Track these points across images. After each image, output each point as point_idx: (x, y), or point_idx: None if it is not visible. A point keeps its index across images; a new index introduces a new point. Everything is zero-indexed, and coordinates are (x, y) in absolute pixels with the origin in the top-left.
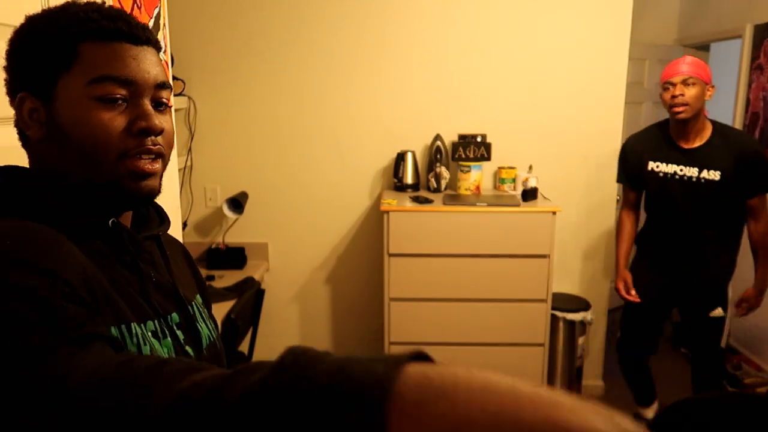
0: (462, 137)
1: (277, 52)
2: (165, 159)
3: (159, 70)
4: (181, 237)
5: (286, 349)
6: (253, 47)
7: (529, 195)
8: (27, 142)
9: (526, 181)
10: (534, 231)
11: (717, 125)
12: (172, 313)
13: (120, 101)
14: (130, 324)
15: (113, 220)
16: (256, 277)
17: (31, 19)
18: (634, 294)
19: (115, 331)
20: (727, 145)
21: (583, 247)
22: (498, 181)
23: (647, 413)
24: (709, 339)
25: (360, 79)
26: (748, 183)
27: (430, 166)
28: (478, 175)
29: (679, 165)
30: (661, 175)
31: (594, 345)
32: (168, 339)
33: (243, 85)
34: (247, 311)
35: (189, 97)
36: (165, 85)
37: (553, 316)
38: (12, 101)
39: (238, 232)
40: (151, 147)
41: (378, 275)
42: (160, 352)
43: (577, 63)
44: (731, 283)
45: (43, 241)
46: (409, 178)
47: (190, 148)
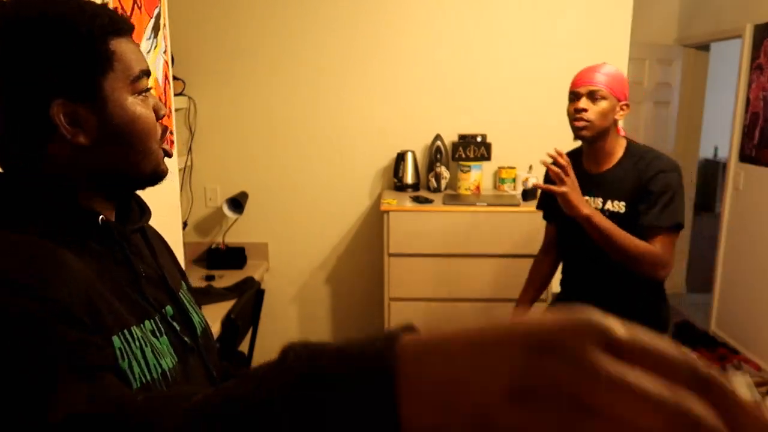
0: (462, 137)
1: (277, 52)
2: None
3: None
4: (181, 237)
5: (284, 348)
6: (253, 47)
7: (529, 195)
8: (46, 149)
9: (525, 181)
10: (534, 231)
11: (633, 146)
12: (166, 306)
13: (146, 92)
14: (131, 328)
15: (102, 217)
16: (256, 277)
17: (43, 23)
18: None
19: (117, 340)
20: (636, 169)
21: None
22: (498, 181)
23: None
24: None
25: (360, 79)
26: (644, 213)
27: (430, 166)
28: (478, 175)
29: (585, 194)
30: None
31: None
32: (164, 336)
33: (243, 85)
34: (247, 311)
35: (189, 97)
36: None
37: None
38: (26, 109)
39: (238, 232)
40: (165, 129)
41: (378, 275)
42: (159, 349)
43: (577, 63)
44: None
45: (42, 264)
46: (409, 178)
47: (190, 148)
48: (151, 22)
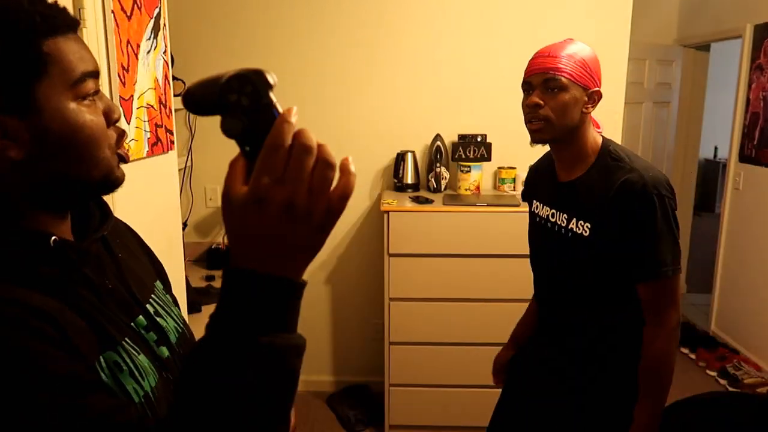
0: (462, 137)
1: (276, 52)
2: None
3: None
4: (181, 237)
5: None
6: (253, 47)
7: None
8: None
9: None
10: None
11: (605, 150)
12: (137, 318)
13: (93, 96)
14: (114, 350)
15: (54, 238)
16: None
17: None
18: (500, 379)
19: (105, 377)
20: (607, 182)
21: None
22: (498, 181)
23: None
24: None
25: (360, 79)
26: (629, 254)
27: (430, 166)
28: (478, 175)
29: (552, 207)
30: (537, 220)
31: None
32: (141, 355)
33: None
34: None
35: None
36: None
37: None
38: None
39: None
40: (123, 132)
41: (378, 275)
42: (143, 368)
43: None
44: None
45: (18, 334)
46: (409, 178)
47: (190, 148)
48: (151, 23)
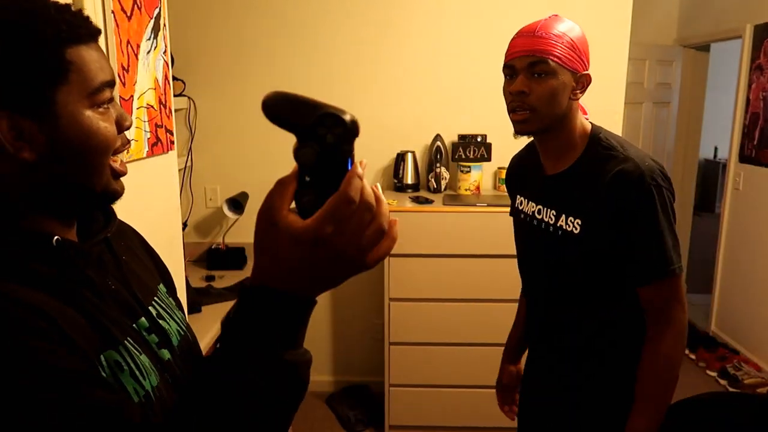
0: (462, 137)
1: (276, 52)
2: None
3: None
4: (181, 237)
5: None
6: (253, 47)
7: None
8: None
9: None
10: None
11: (596, 138)
12: (139, 320)
13: (108, 104)
14: (115, 349)
15: (57, 238)
16: None
17: None
18: (507, 410)
19: (105, 375)
20: (599, 173)
21: None
22: (498, 181)
23: None
24: None
25: (360, 79)
26: (629, 253)
27: (430, 167)
28: (478, 176)
29: (538, 203)
30: (522, 217)
31: None
32: (143, 355)
33: (243, 85)
34: None
35: (189, 97)
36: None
37: None
38: None
39: (239, 233)
40: (128, 143)
41: (378, 275)
42: (145, 368)
43: None
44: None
45: (25, 343)
46: (409, 179)
47: (190, 148)
48: (151, 23)
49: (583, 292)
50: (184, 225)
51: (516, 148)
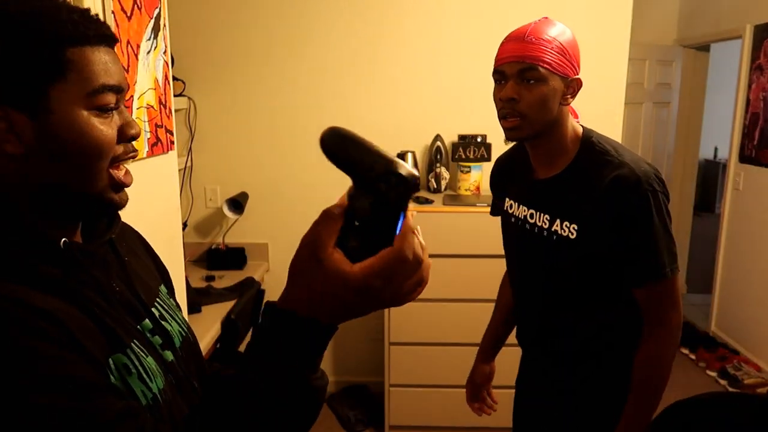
0: (462, 137)
1: (277, 52)
2: None
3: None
4: (181, 237)
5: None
6: (253, 47)
7: None
8: None
9: None
10: None
11: (588, 142)
12: (143, 322)
13: (111, 110)
14: (123, 353)
15: (65, 240)
16: (256, 277)
17: None
18: (477, 407)
19: (114, 379)
20: (594, 178)
21: None
22: None
23: None
24: None
25: (360, 79)
26: (624, 256)
27: (430, 167)
28: (478, 176)
29: (530, 207)
30: (513, 220)
31: None
32: (149, 357)
33: (243, 85)
34: (247, 311)
35: (189, 98)
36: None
37: None
38: None
39: (238, 233)
40: (132, 153)
41: None
42: (151, 370)
43: None
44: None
45: (34, 345)
46: None
47: (190, 148)
48: (151, 23)
49: (578, 295)
50: (184, 225)
51: None
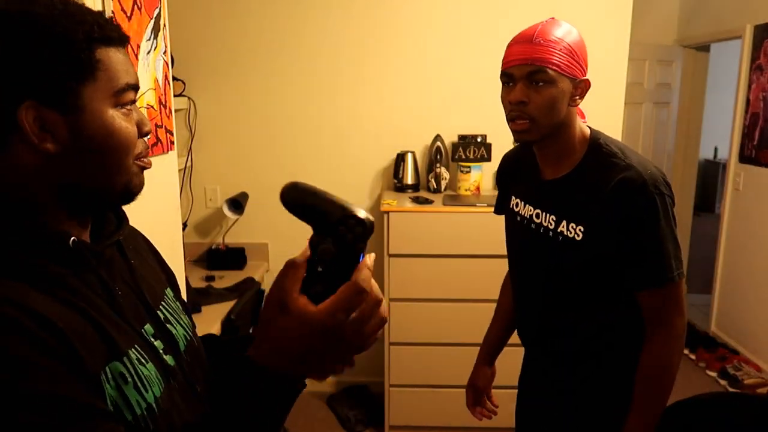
0: (462, 137)
1: (277, 53)
2: None
3: None
4: (181, 237)
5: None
6: (254, 47)
7: None
8: (10, 154)
9: None
10: None
11: (596, 143)
12: (145, 326)
13: (130, 106)
14: (120, 361)
15: (74, 239)
16: (256, 277)
17: (23, 21)
18: (479, 411)
19: (110, 388)
20: (601, 180)
21: None
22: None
23: None
24: None
25: (360, 80)
26: (630, 260)
27: (430, 167)
28: (478, 176)
29: (536, 207)
30: (518, 219)
31: None
32: (150, 363)
33: (243, 85)
34: (247, 311)
35: (189, 98)
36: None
37: None
38: None
39: (238, 233)
40: (147, 147)
41: (378, 275)
42: (148, 377)
43: None
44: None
45: (23, 353)
46: (409, 179)
47: (190, 149)
48: (151, 23)
49: (579, 296)
50: (184, 225)
51: None
